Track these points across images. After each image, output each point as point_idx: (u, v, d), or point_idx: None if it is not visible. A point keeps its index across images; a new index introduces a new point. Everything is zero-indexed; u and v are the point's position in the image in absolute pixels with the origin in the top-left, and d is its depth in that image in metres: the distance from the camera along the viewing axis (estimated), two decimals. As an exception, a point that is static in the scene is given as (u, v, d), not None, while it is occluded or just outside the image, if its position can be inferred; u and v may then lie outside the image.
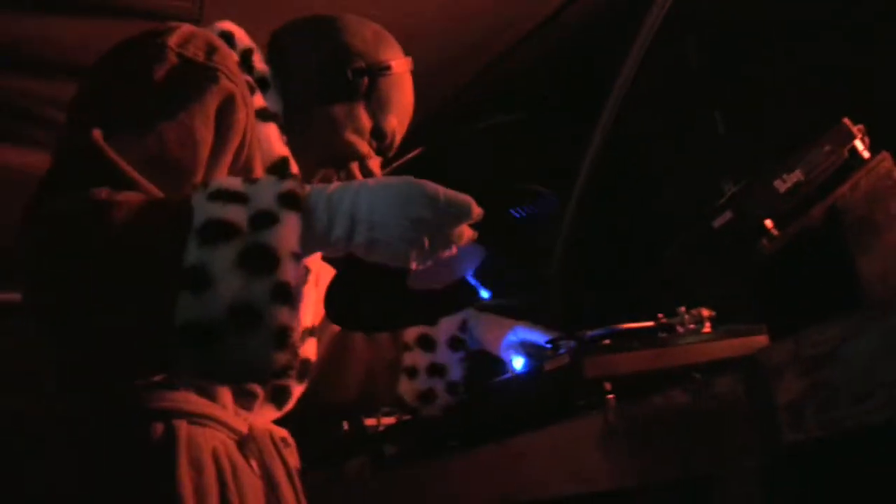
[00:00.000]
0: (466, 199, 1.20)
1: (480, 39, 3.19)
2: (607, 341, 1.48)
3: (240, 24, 2.56)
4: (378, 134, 1.61)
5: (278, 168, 1.40)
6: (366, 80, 1.57)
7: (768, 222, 1.73)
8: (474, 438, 1.66)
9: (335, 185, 1.17)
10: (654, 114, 3.54)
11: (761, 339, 1.49)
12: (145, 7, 2.40)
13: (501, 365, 1.83)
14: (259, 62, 1.52)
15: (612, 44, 3.46)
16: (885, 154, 1.74)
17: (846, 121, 1.78)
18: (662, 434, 1.10)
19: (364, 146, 1.59)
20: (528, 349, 1.80)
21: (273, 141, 1.42)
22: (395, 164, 4.19)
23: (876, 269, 1.57)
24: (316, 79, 1.54)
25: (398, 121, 1.66)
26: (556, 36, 3.33)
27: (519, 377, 1.61)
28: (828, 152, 1.76)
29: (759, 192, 1.76)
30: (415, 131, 3.83)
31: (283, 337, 1.01)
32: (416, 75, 3.31)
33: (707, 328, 1.61)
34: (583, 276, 3.90)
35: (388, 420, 2.31)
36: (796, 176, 1.75)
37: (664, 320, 1.62)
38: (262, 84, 1.49)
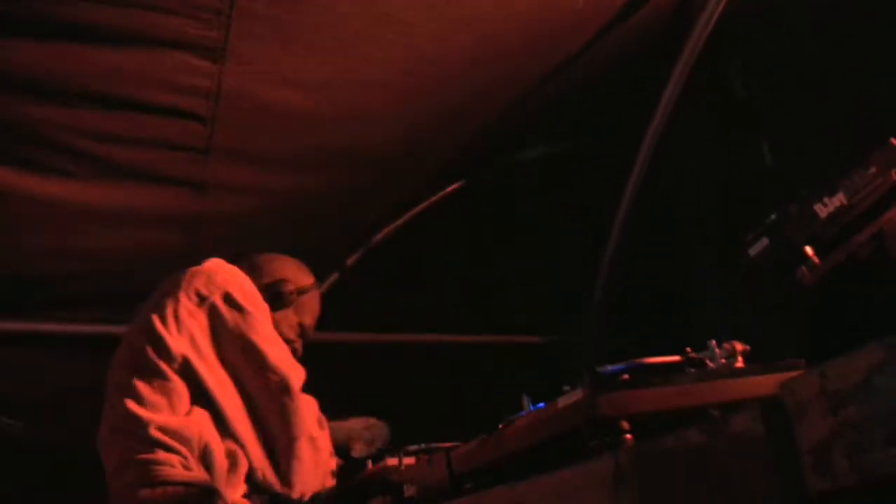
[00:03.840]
0: None
1: (516, 69, 3.11)
2: (626, 376, 1.36)
3: (264, 49, 2.55)
4: (301, 329, 2.47)
5: None
6: (294, 296, 2.44)
7: (808, 249, 1.60)
8: (487, 481, 1.55)
9: None
10: (696, 143, 3.41)
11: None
12: (172, 37, 2.37)
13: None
14: None
15: (652, 71, 3.36)
16: (938, 177, 1.60)
17: (895, 141, 1.64)
18: (675, 479, 0.98)
19: (292, 335, 2.43)
20: None
21: None
22: (434, 199, 4.12)
23: (927, 301, 1.42)
24: (266, 296, 2.33)
25: (312, 318, 2.51)
26: (594, 64, 3.23)
27: (531, 415, 1.49)
28: (874, 174, 1.61)
29: (798, 218, 1.63)
30: (453, 164, 3.80)
31: None
32: (453, 106, 3.25)
33: (739, 363, 1.48)
34: (623, 313, 3.77)
35: (409, 460, 2.23)
36: (839, 199, 1.61)
37: (693, 355, 1.50)
38: None
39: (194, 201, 2.96)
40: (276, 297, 2.37)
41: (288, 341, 2.38)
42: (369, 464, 2.42)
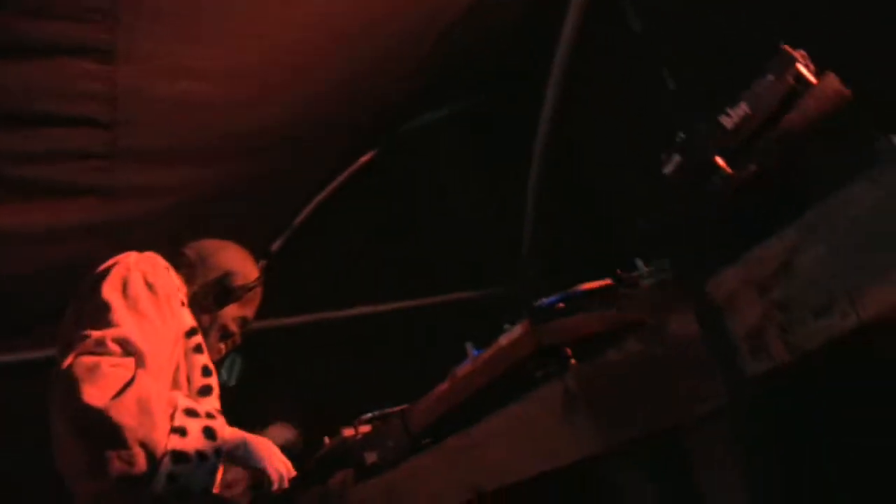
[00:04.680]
0: None
1: (411, 30, 3.09)
2: (562, 305, 1.38)
3: (155, 44, 2.47)
4: (243, 321, 2.37)
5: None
6: (242, 292, 2.33)
7: (719, 160, 1.64)
8: (445, 433, 1.56)
9: None
10: (601, 82, 3.45)
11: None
12: (59, 43, 2.28)
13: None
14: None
15: (551, 16, 3.39)
16: (830, 75, 1.65)
17: (785, 47, 1.69)
18: (621, 390, 1.01)
19: (234, 327, 2.35)
20: None
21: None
22: (350, 170, 4.08)
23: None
24: (213, 291, 2.29)
25: (254, 310, 2.42)
26: (493, 14, 3.24)
27: (476, 360, 1.51)
28: (772, 81, 1.66)
29: (706, 132, 1.67)
30: (364, 135, 3.77)
31: None
32: (354, 75, 3.21)
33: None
34: (554, 254, 3.83)
35: (366, 429, 2.23)
36: (742, 109, 1.66)
37: (623, 276, 1.53)
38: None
39: (105, 209, 2.88)
40: (223, 291, 2.30)
41: (230, 334, 2.34)
42: (326, 440, 2.41)
